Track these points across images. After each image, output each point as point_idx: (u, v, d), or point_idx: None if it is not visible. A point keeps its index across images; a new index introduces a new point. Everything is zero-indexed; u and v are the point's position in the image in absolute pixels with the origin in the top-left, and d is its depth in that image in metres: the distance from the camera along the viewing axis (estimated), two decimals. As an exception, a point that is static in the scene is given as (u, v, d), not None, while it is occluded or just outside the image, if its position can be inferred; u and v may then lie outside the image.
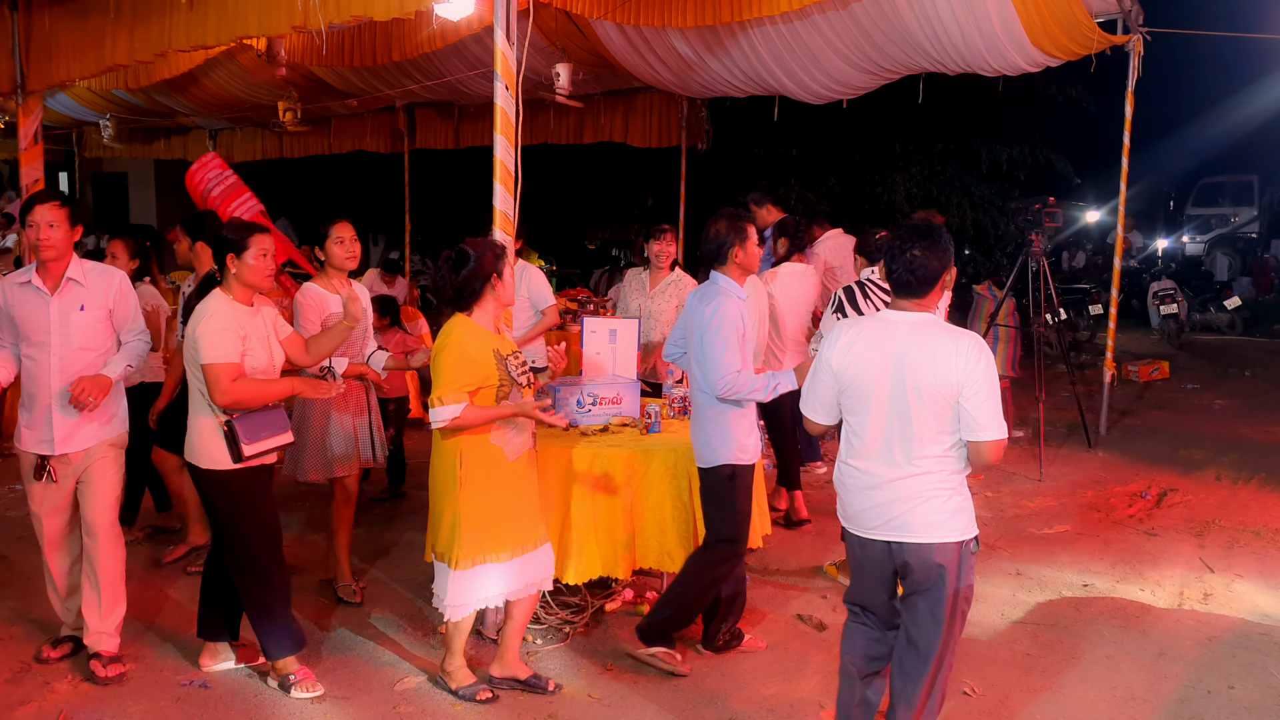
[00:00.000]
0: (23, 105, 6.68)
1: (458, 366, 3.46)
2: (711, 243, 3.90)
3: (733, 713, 3.72)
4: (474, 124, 11.67)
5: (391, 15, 4.80)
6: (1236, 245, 18.72)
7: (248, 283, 3.69)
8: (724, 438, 3.86)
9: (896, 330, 2.98)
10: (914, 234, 3.00)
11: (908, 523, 2.97)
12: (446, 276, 3.57)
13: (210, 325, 3.56)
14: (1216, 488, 6.62)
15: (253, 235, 3.68)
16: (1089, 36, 6.67)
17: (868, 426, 3.00)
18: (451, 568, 3.54)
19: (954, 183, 13.31)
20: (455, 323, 3.56)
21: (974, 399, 2.88)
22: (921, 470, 2.95)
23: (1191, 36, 8.53)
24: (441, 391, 3.44)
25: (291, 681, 3.78)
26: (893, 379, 2.94)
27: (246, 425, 3.59)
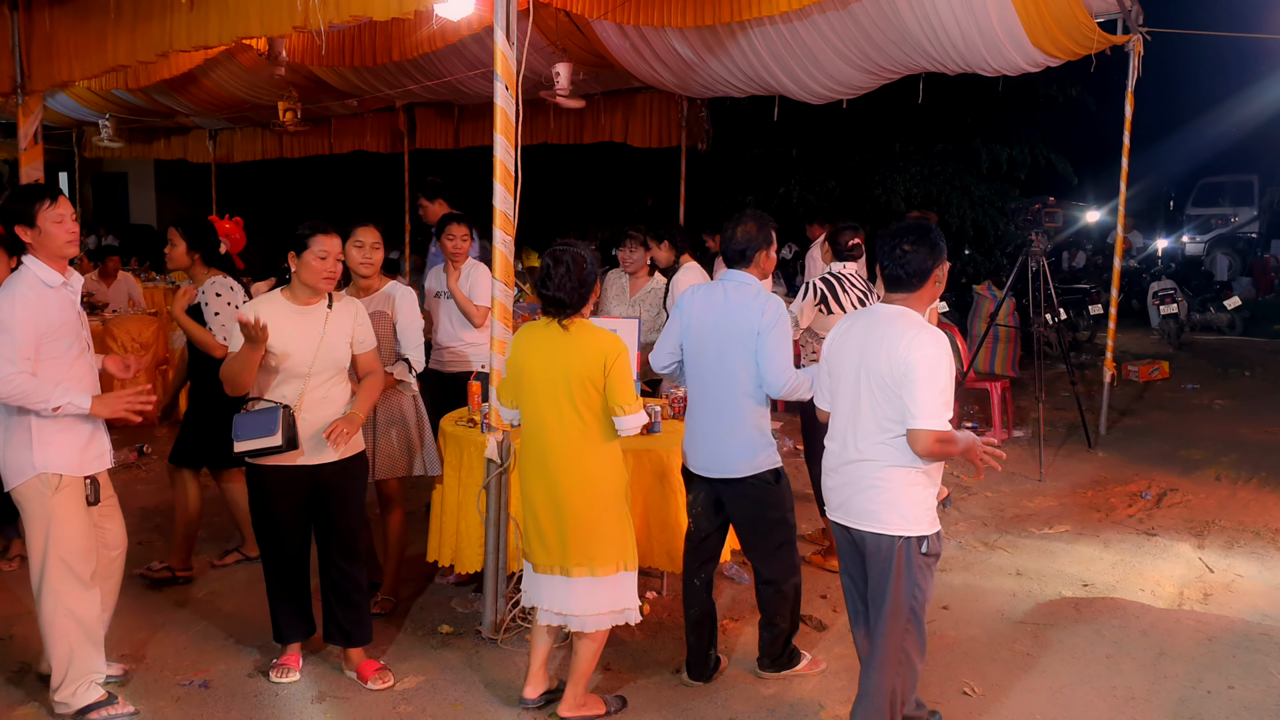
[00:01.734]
0: (23, 105, 6.68)
1: (631, 371, 3.46)
2: (740, 242, 3.82)
3: (733, 713, 3.72)
4: (474, 124, 11.69)
5: (391, 15, 4.80)
6: (1236, 245, 18.72)
7: (305, 282, 3.68)
8: (768, 440, 3.79)
9: (871, 320, 3.13)
10: (905, 231, 3.09)
11: (850, 507, 3.14)
12: (566, 278, 3.41)
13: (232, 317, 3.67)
14: (1216, 488, 6.63)
15: (315, 235, 3.65)
16: (1089, 36, 6.67)
17: (836, 410, 3.22)
18: (629, 570, 3.52)
19: (954, 183, 13.31)
20: (598, 327, 3.48)
21: (909, 387, 2.94)
22: (865, 457, 3.07)
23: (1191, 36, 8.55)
24: (630, 399, 3.38)
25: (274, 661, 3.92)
26: (857, 366, 3.09)
27: (240, 422, 3.64)
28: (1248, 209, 19.82)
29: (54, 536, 3.44)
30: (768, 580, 3.87)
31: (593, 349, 3.39)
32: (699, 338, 3.77)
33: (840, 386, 3.18)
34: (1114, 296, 8.14)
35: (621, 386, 3.38)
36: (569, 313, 3.44)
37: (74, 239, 3.50)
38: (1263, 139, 19.55)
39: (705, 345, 3.75)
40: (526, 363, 3.48)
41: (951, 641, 4.30)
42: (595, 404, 3.39)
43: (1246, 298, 14.90)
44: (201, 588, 4.83)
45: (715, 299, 3.78)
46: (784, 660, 3.96)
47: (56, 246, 3.46)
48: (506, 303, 4.20)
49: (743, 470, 3.73)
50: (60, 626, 3.48)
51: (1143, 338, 13.23)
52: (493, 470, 4.11)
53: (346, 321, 3.80)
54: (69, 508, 3.46)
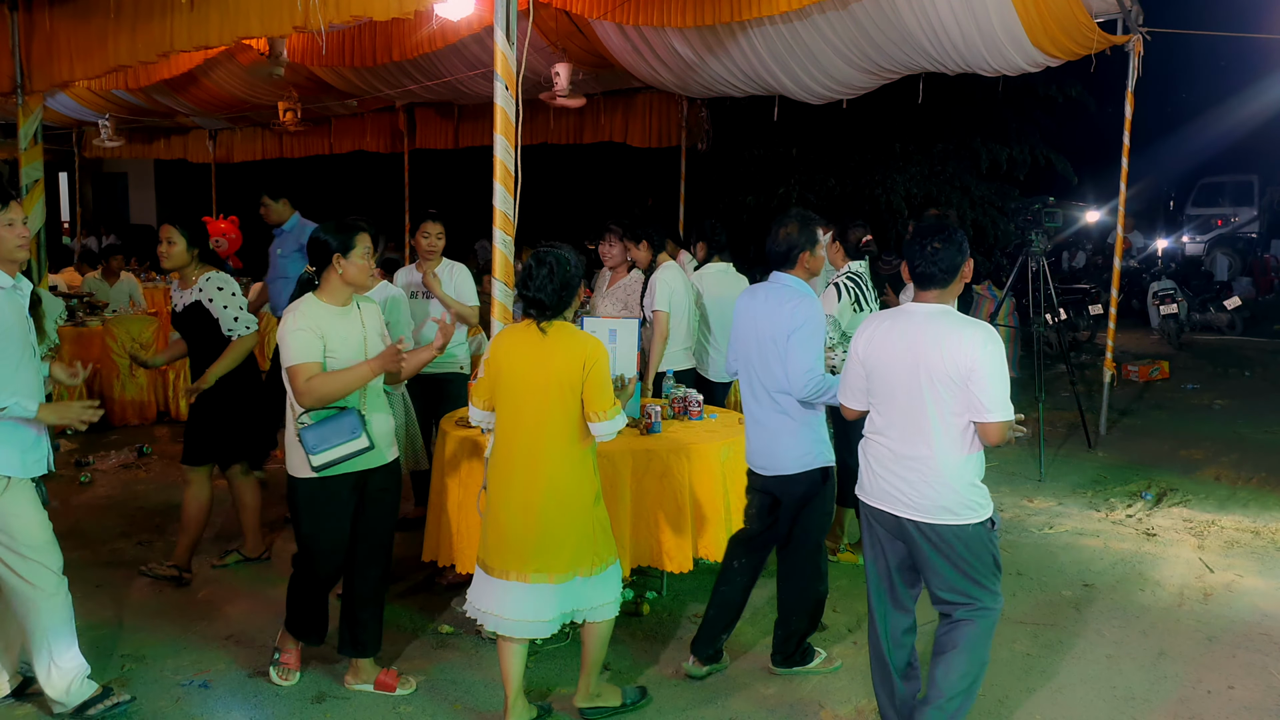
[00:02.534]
0: (23, 105, 6.68)
1: (609, 375, 3.40)
2: (781, 244, 3.84)
3: (733, 713, 3.72)
4: (474, 124, 11.69)
5: (391, 15, 4.81)
6: (1236, 245, 18.72)
7: (353, 282, 3.63)
8: (819, 439, 3.84)
9: (914, 321, 3.19)
10: (932, 229, 3.21)
11: (913, 502, 3.18)
12: (546, 283, 3.36)
13: (288, 326, 3.51)
14: (1216, 488, 6.63)
15: (359, 234, 3.61)
16: (1089, 36, 6.67)
17: (886, 408, 3.24)
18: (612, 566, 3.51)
19: (954, 183, 13.30)
20: (574, 329, 3.43)
21: (978, 383, 3.05)
22: (931, 452, 3.14)
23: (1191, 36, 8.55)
24: (609, 404, 3.34)
25: (276, 658, 3.88)
26: (912, 366, 3.14)
27: (315, 432, 3.50)
28: (1248, 209, 19.82)
29: (13, 535, 3.40)
30: (792, 579, 3.93)
31: (573, 353, 3.33)
32: (744, 339, 3.90)
33: (887, 385, 3.22)
34: (1114, 296, 8.14)
35: (599, 391, 3.32)
36: (549, 315, 3.37)
37: (24, 243, 3.47)
38: (1263, 139, 19.52)
39: (749, 346, 3.87)
40: (506, 365, 3.40)
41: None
42: (572, 408, 3.33)
43: (1246, 298, 14.90)
44: (201, 588, 4.83)
45: (757, 301, 3.89)
46: (796, 658, 3.98)
47: (6, 250, 3.42)
48: (506, 303, 4.20)
49: (790, 467, 3.81)
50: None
51: (1143, 338, 13.23)
52: (493, 470, 4.10)
53: (376, 318, 3.80)
54: (22, 504, 3.42)
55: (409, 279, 5.53)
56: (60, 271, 11.03)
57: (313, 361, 3.48)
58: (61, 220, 20.83)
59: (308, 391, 3.46)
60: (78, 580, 3.66)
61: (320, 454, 3.48)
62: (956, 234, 3.20)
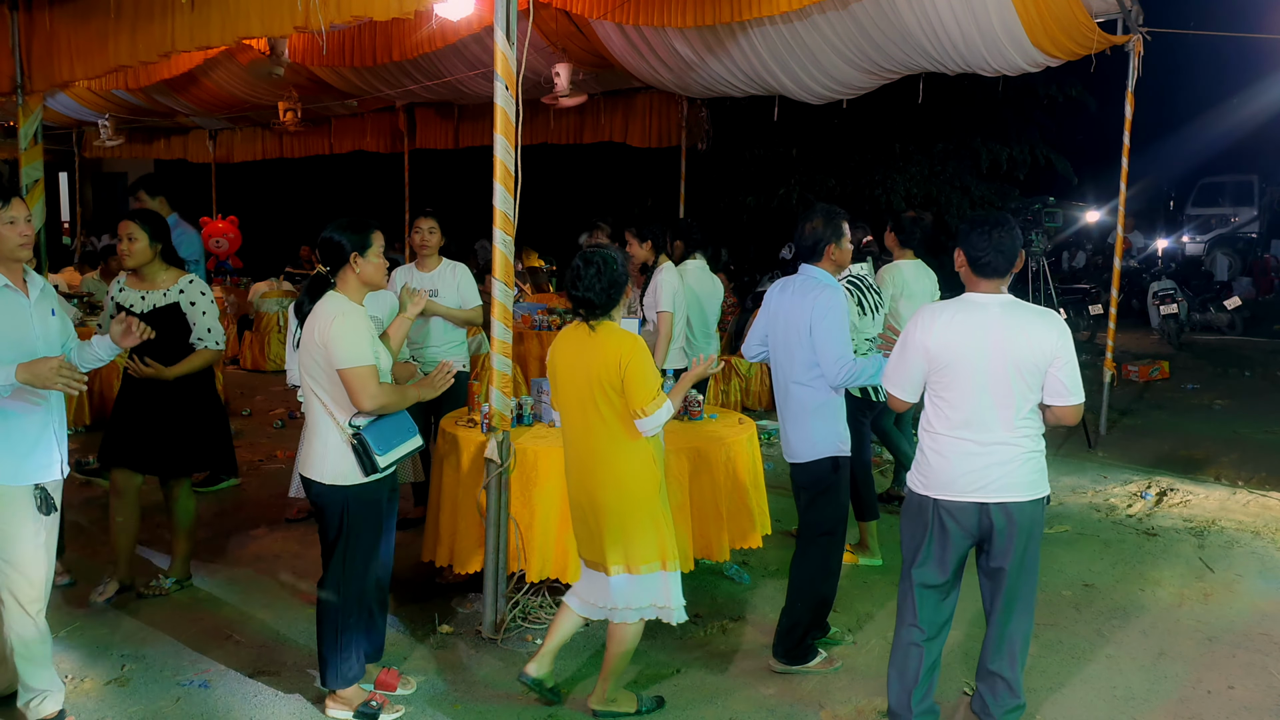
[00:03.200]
0: (23, 105, 6.68)
1: (653, 372, 3.41)
2: (808, 238, 3.96)
3: (733, 713, 3.72)
4: (474, 124, 11.69)
5: (391, 15, 4.81)
6: (1236, 245, 18.71)
7: (370, 282, 3.54)
8: (829, 430, 3.93)
9: (989, 312, 3.24)
10: (991, 221, 3.27)
11: (1007, 484, 3.24)
12: (595, 280, 3.42)
13: (343, 327, 3.36)
14: (1216, 488, 6.63)
15: (374, 232, 3.53)
16: (1089, 36, 6.67)
17: (966, 399, 3.24)
18: (668, 570, 3.51)
19: (954, 183, 13.32)
20: (620, 328, 3.48)
21: (1064, 369, 3.20)
22: (1016, 438, 3.23)
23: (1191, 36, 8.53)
24: (649, 400, 3.36)
25: (374, 708, 3.60)
26: (990, 357, 3.19)
27: (376, 434, 3.42)
28: (1248, 209, 19.81)
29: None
30: (801, 568, 4.01)
31: (611, 350, 3.40)
32: (773, 329, 4.03)
33: (968, 376, 3.22)
34: (1114, 296, 8.14)
35: (637, 388, 3.36)
36: (598, 314, 3.47)
37: (26, 242, 3.32)
38: (1263, 139, 19.52)
39: (777, 337, 4.00)
40: (560, 365, 3.54)
41: (952, 641, 4.28)
42: (617, 405, 3.40)
43: (1246, 298, 14.90)
44: (201, 588, 4.82)
45: (787, 293, 3.99)
46: (797, 654, 4.00)
47: (7, 249, 3.28)
48: (506, 302, 4.20)
49: (800, 455, 3.95)
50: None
51: (1143, 338, 13.23)
52: (493, 470, 4.11)
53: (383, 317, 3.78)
54: (8, 514, 3.25)
55: (408, 278, 5.51)
56: (60, 271, 11.04)
57: (374, 364, 3.40)
58: (61, 220, 20.83)
59: (378, 395, 3.37)
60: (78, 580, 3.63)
61: (387, 454, 3.43)
62: (1013, 223, 3.28)
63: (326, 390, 3.42)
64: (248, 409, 8.78)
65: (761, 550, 4.97)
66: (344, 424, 3.43)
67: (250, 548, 5.40)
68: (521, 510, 4.18)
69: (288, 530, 5.64)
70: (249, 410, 8.75)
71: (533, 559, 4.18)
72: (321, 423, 3.48)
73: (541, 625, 4.34)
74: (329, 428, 3.46)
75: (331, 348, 3.35)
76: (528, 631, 4.30)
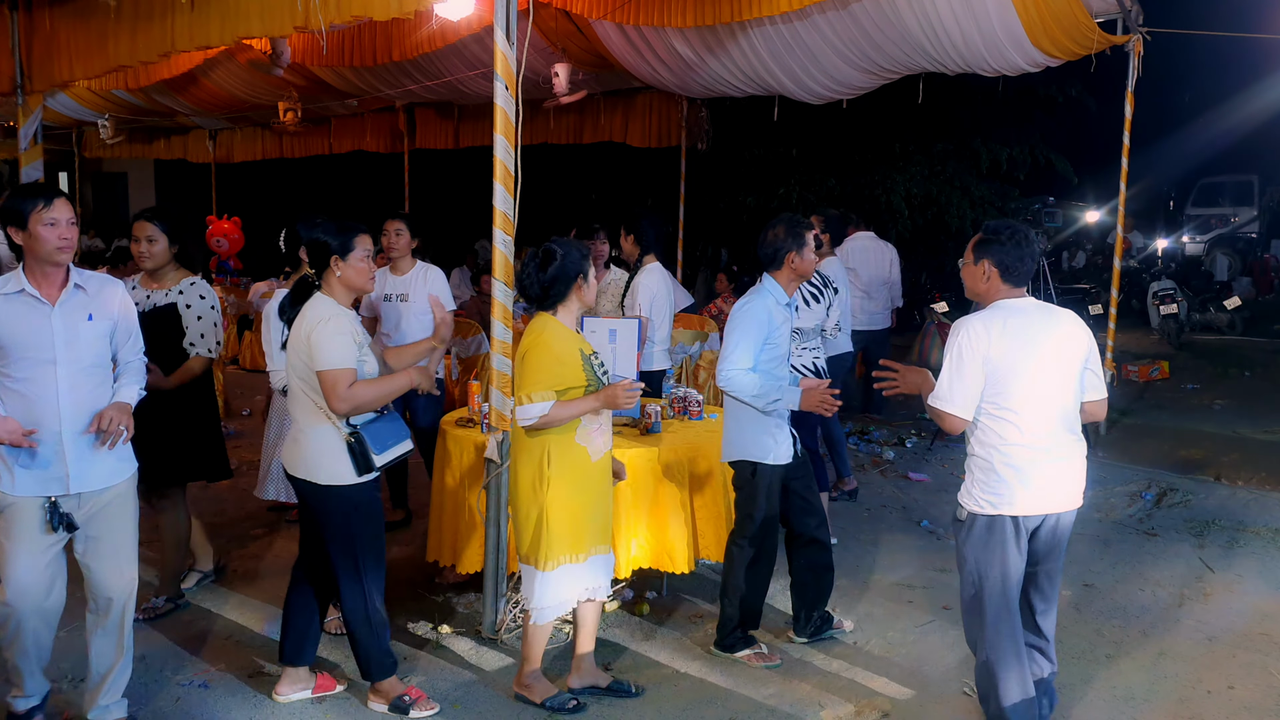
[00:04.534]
0: (23, 105, 6.68)
1: (547, 366, 3.43)
2: (768, 246, 3.95)
3: (733, 712, 3.72)
4: (474, 124, 11.69)
5: (391, 15, 4.81)
6: (1236, 245, 18.72)
7: (352, 285, 3.52)
8: (741, 434, 3.94)
9: (1032, 316, 3.23)
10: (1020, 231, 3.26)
11: (1073, 493, 3.28)
12: (533, 275, 3.51)
13: (326, 329, 3.36)
14: (1216, 488, 6.63)
15: (357, 235, 3.50)
16: (1089, 36, 6.67)
17: (1033, 408, 3.17)
18: (539, 569, 3.52)
19: (954, 183, 13.31)
20: (544, 321, 3.52)
21: (1096, 363, 3.28)
22: (1073, 442, 3.27)
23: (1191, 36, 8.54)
24: (530, 389, 3.40)
25: (407, 702, 3.63)
26: (1049, 358, 3.18)
27: (373, 434, 3.42)
28: (1248, 209, 19.81)
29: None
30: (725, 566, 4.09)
31: (522, 341, 3.52)
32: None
33: (1033, 384, 3.16)
34: (1114, 296, 8.13)
35: (523, 375, 3.42)
36: (534, 306, 3.57)
37: (66, 245, 3.17)
38: (1263, 139, 19.52)
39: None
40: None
41: (952, 641, 4.30)
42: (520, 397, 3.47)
43: (1246, 298, 14.89)
44: (200, 589, 4.82)
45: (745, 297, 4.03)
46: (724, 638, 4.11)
47: (45, 252, 3.15)
48: (506, 303, 4.20)
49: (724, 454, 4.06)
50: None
51: (1143, 338, 13.22)
52: (493, 470, 4.11)
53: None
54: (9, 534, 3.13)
55: (381, 282, 5.40)
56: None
57: (352, 368, 3.38)
58: (61, 220, 20.78)
59: (349, 398, 3.34)
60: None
61: (383, 455, 3.43)
62: (1030, 229, 3.33)
63: (319, 390, 3.39)
64: (248, 409, 8.78)
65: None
66: (340, 423, 3.41)
67: (250, 548, 5.40)
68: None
69: (287, 531, 5.64)
70: (249, 410, 8.74)
71: (533, 559, 4.17)
72: (313, 423, 3.45)
73: (541, 625, 4.34)
74: (322, 428, 3.43)
75: (312, 348, 3.36)
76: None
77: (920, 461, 7.32)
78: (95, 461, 3.23)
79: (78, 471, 3.20)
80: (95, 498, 3.26)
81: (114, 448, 3.24)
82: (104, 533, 3.30)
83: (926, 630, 4.45)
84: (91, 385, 3.25)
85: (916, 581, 5.01)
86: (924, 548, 5.52)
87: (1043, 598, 3.42)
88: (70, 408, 3.18)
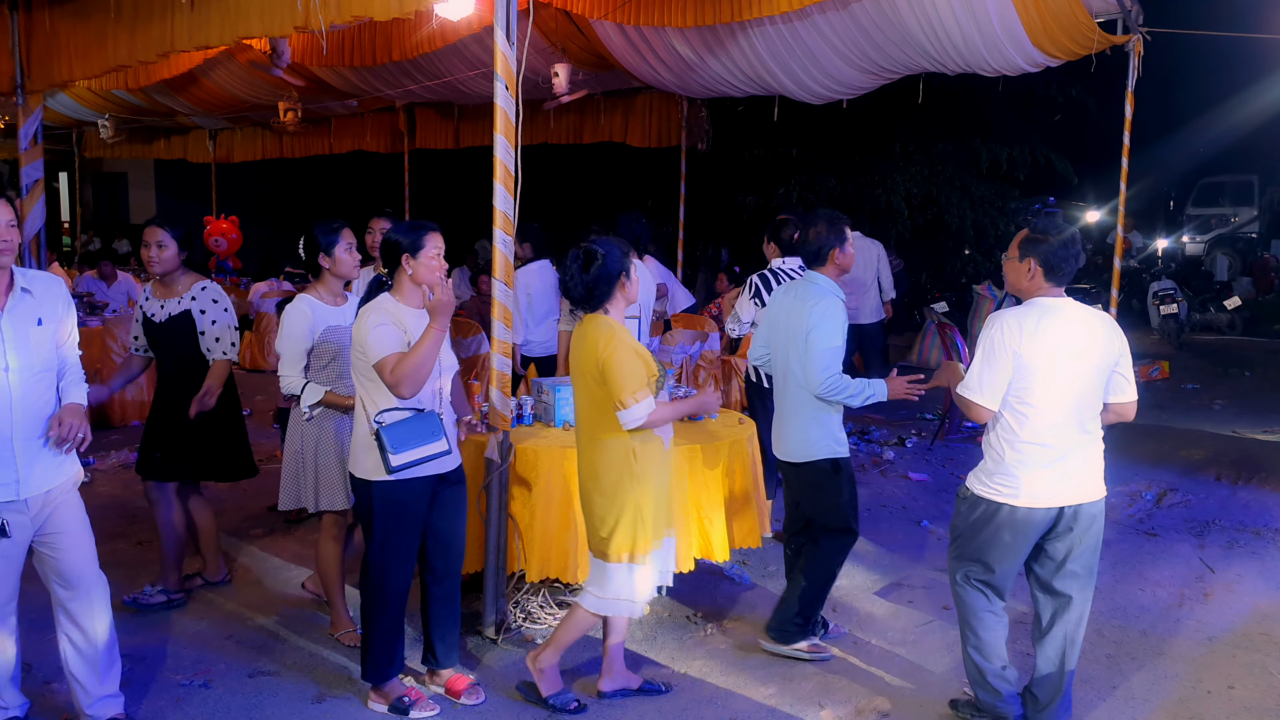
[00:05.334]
0: (23, 105, 6.69)
1: (633, 364, 3.45)
2: (812, 243, 4.02)
3: (733, 712, 3.72)
4: (474, 124, 11.70)
5: (391, 15, 4.80)
6: (1236, 245, 18.71)
7: (422, 282, 3.50)
8: (826, 432, 3.98)
9: (1064, 315, 3.32)
10: (1067, 232, 3.37)
11: (1086, 486, 3.35)
12: (576, 276, 3.51)
13: (366, 324, 3.42)
14: (1216, 488, 6.63)
15: (428, 233, 3.52)
16: (1089, 36, 6.67)
17: (1050, 404, 3.29)
18: (633, 562, 3.55)
19: (954, 183, 13.31)
20: (604, 322, 3.52)
21: (1124, 366, 3.38)
22: (1095, 435, 3.38)
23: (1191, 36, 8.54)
24: (631, 391, 3.41)
25: (407, 703, 3.62)
26: (1072, 359, 3.28)
27: (394, 433, 3.41)
28: (1248, 209, 19.80)
29: None
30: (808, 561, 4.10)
31: (591, 341, 3.49)
32: (774, 331, 4.11)
33: (1057, 380, 3.27)
34: (1114, 296, 8.13)
35: (615, 380, 3.42)
36: (583, 308, 3.57)
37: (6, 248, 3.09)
38: (1263, 139, 19.50)
39: (778, 338, 4.07)
40: (570, 358, 3.68)
41: (952, 641, 4.30)
42: (598, 398, 3.50)
43: (1246, 298, 14.90)
44: (201, 588, 4.82)
45: (791, 296, 4.08)
46: (785, 636, 4.10)
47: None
48: (507, 303, 4.20)
49: (796, 455, 4.02)
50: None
51: (1143, 338, 13.22)
52: (493, 470, 4.11)
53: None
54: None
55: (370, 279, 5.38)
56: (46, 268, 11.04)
57: (399, 351, 3.39)
58: (61, 220, 20.83)
59: (398, 379, 3.34)
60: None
61: (401, 453, 3.41)
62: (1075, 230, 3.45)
63: (364, 385, 3.50)
64: (248, 409, 8.76)
65: (761, 550, 4.98)
66: (370, 418, 3.45)
67: (250, 547, 5.40)
68: (521, 510, 4.18)
69: (286, 530, 5.64)
70: (249, 410, 8.73)
71: (533, 559, 4.18)
72: (360, 418, 3.54)
73: (542, 625, 4.34)
74: (363, 423, 3.52)
75: (362, 341, 3.43)
76: (528, 631, 4.30)
77: (920, 461, 7.32)
78: (42, 464, 3.19)
79: (27, 476, 3.15)
80: (44, 498, 3.22)
81: (70, 452, 3.24)
82: (63, 525, 3.28)
83: (926, 630, 4.45)
84: (42, 389, 3.21)
85: (916, 581, 5.01)
86: (924, 548, 5.53)
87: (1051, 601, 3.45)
88: (23, 414, 3.14)
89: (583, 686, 3.85)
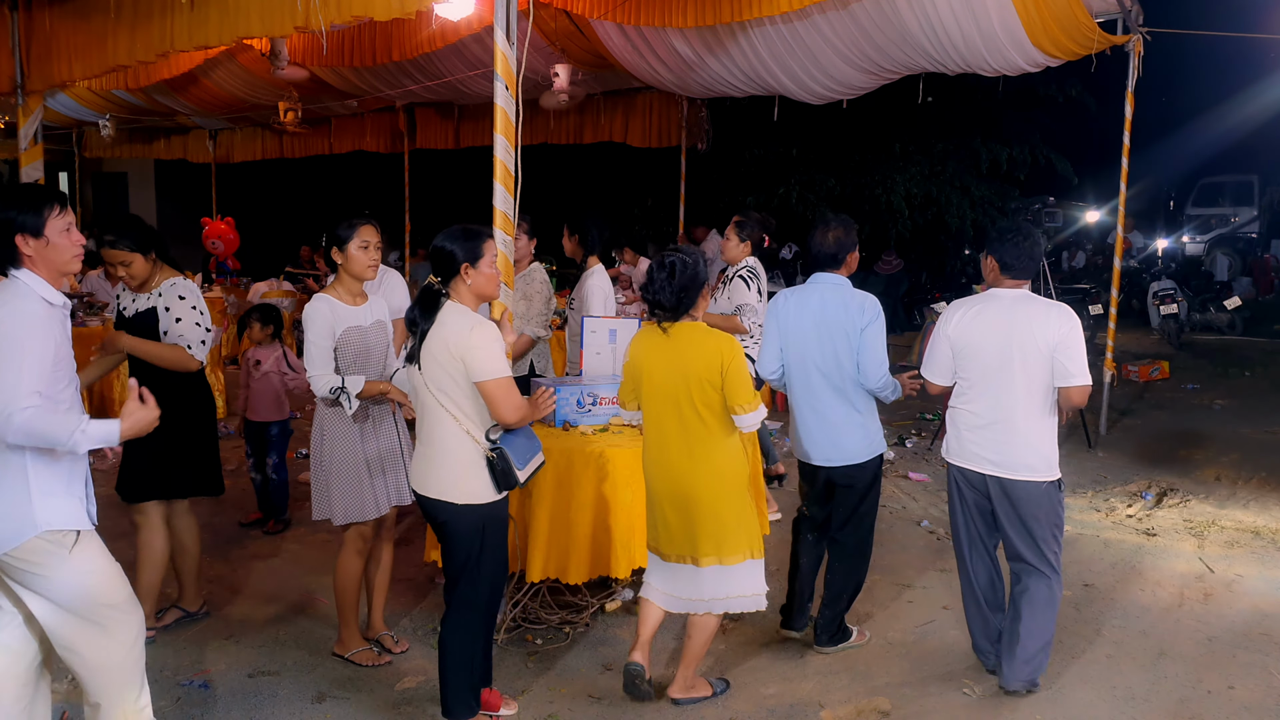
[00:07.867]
0: (23, 105, 6.69)
1: (748, 370, 3.59)
2: (833, 246, 4.12)
3: (733, 712, 3.72)
4: (474, 124, 11.69)
5: (392, 15, 4.81)
6: (1236, 245, 18.72)
7: (481, 293, 3.33)
8: (877, 429, 4.15)
9: (1003, 305, 3.72)
10: (1016, 230, 3.76)
11: (1003, 461, 3.71)
12: (664, 286, 3.50)
13: (484, 337, 3.18)
14: (1216, 488, 6.63)
15: (485, 241, 3.33)
16: (1089, 36, 6.67)
17: (977, 380, 3.75)
18: (757, 557, 3.62)
19: (954, 183, 13.32)
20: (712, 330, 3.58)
21: (1067, 352, 3.60)
22: (1017, 415, 3.67)
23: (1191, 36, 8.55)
24: (749, 397, 3.49)
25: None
26: (1000, 343, 3.66)
27: (514, 449, 3.27)
28: (1248, 209, 19.81)
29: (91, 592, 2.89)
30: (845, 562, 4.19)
31: (710, 351, 3.50)
32: (801, 339, 4.06)
33: (979, 361, 3.73)
34: (1114, 296, 8.14)
35: (739, 387, 3.48)
36: (670, 317, 3.56)
37: (81, 253, 2.91)
38: (1263, 139, 19.54)
39: (808, 345, 4.04)
40: (645, 366, 3.61)
41: (952, 641, 4.30)
42: (714, 403, 3.51)
43: (1246, 298, 14.90)
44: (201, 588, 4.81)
45: (813, 302, 4.06)
46: (839, 635, 4.22)
47: (64, 261, 2.85)
48: (507, 303, 4.20)
49: (858, 456, 4.11)
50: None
51: (1143, 338, 13.23)
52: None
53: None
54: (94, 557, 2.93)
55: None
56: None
57: (511, 376, 3.26)
58: (61, 220, 20.77)
59: (521, 406, 3.24)
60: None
61: (525, 469, 3.33)
62: (1036, 233, 3.77)
63: (460, 405, 3.23)
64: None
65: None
66: (482, 439, 3.27)
67: (249, 548, 5.40)
68: (521, 510, 4.18)
69: (285, 532, 5.65)
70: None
71: (533, 559, 4.18)
72: (454, 440, 3.26)
73: (542, 625, 4.34)
74: (463, 445, 3.26)
75: (469, 359, 3.17)
76: (528, 631, 4.30)
77: (920, 461, 7.32)
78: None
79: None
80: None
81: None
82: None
83: (926, 630, 4.45)
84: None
85: (916, 581, 5.01)
86: (924, 548, 5.53)
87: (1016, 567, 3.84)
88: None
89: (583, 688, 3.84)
